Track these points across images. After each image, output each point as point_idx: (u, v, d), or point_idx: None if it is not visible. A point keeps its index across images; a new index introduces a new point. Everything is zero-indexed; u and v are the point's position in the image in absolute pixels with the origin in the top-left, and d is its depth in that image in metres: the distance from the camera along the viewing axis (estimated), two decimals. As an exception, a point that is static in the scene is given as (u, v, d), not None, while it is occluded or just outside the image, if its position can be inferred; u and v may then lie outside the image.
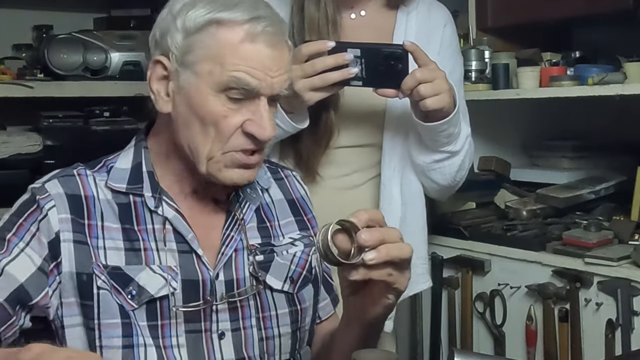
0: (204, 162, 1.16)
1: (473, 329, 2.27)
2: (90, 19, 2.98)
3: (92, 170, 1.21)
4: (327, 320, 1.37)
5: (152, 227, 1.18)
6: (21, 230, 1.14)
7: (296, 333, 1.27)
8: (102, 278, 1.14)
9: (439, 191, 1.77)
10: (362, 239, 1.01)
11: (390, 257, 1.03)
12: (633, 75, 2.01)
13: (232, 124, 1.14)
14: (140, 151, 1.23)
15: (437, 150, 1.65)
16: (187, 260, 1.18)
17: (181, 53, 1.14)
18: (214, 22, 1.13)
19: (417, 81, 1.48)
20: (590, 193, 2.30)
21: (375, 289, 1.09)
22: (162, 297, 1.15)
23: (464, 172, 1.73)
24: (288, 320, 1.25)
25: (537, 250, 2.10)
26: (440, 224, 2.38)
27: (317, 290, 1.32)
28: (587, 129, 2.60)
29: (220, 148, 1.15)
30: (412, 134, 1.67)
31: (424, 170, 1.70)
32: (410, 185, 1.74)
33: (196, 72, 1.13)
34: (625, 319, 1.86)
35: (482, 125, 2.63)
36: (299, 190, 1.38)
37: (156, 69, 1.17)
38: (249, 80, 1.12)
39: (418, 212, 1.77)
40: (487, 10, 2.50)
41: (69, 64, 2.52)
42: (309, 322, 1.31)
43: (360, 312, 1.14)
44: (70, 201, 1.16)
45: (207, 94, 1.13)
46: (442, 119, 1.55)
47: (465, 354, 1.16)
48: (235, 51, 1.12)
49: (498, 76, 2.29)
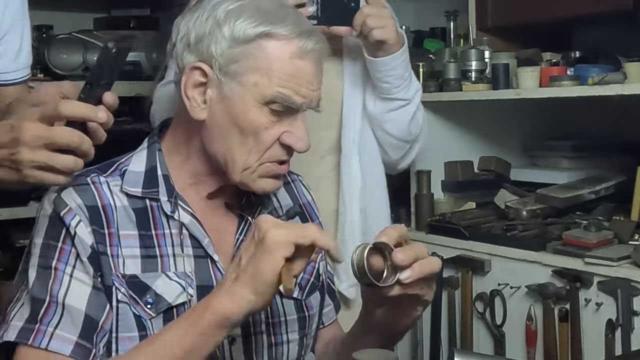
0: (239, 172, 1.16)
1: (473, 329, 2.27)
2: (90, 19, 2.98)
3: (105, 175, 1.18)
4: (330, 326, 1.37)
5: (169, 232, 1.17)
6: (64, 254, 1.11)
7: (303, 339, 1.27)
8: (121, 290, 1.12)
9: (396, 147, 1.82)
10: (398, 259, 1.04)
11: (423, 274, 1.06)
12: (633, 75, 2.01)
13: (272, 135, 1.15)
14: (154, 154, 1.21)
15: (391, 98, 1.74)
16: (202, 266, 1.18)
17: (226, 62, 1.13)
18: (265, 34, 1.12)
19: (365, 15, 1.62)
20: (590, 193, 2.29)
21: (404, 302, 1.10)
22: (178, 305, 1.14)
23: (418, 128, 1.81)
24: (296, 326, 1.25)
25: (537, 250, 2.10)
26: (440, 224, 2.38)
27: (322, 296, 1.32)
28: (587, 129, 2.60)
29: (258, 159, 1.15)
30: (368, 88, 1.76)
31: (380, 121, 1.77)
32: (369, 155, 1.79)
33: (241, 82, 1.13)
34: (625, 319, 1.87)
35: (482, 125, 2.64)
36: (305, 195, 1.39)
37: (193, 75, 1.15)
38: (295, 99, 1.13)
39: (378, 179, 1.83)
40: (487, 10, 2.50)
41: (69, 64, 2.52)
42: (315, 329, 1.31)
43: (387, 323, 1.15)
44: (91, 213, 1.13)
45: (251, 106, 1.13)
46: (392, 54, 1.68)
47: (465, 354, 1.17)
48: (285, 66, 1.12)
49: (498, 76, 2.29)
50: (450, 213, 2.41)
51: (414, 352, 2.43)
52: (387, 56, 1.67)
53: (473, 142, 2.64)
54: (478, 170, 2.63)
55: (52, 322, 1.08)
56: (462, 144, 2.61)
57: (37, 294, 1.10)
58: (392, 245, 1.05)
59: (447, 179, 2.57)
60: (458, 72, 2.41)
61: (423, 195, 2.49)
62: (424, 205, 2.49)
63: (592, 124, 2.57)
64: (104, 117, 1.08)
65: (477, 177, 2.61)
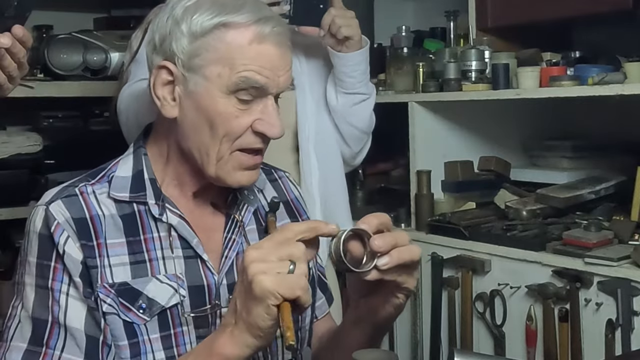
0: (214, 164, 1.16)
1: (473, 329, 2.27)
2: (90, 19, 2.98)
3: (92, 183, 1.19)
4: (323, 319, 1.39)
5: (157, 235, 1.18)
6: (57, 273, 1.12)
7: (297, 334, 1.27)
8: (107, 302, 1.13)
9: (358, 139, 1.98)
10: (375, 246, 1.04)
11: (402, 261, 1.06)
12: (633, 75, 2.01)
13: (243, 124, 1.15)
14: (140, 158, 1.22)
15: (354, 92, 1.91)
16: (192, 266, 1.18)
17: (188, 57, 1.14)
18: (221, 25, 1.13)
19: (333, 15, 1.80)
20: (590, 193, 2.29)
21: (385, 290, 1.11)
22: (172, 307, 1.15)
23: (373, 121, 2.00)
24: None
25: (537, 250, 2.10)
26: (440, 224, 2.38)
27: (314, 290, 1.32)
28: (587, 129, 2.60)
29: (229, 147, 1.16)
30: (329, 86, 1.92)
31: (345, 115, 1.93)
32: (325, 150, 1.92)
33: (205, 75, 1.13)
34: (625, 319, 1.87)
35: (482, 125, 2.65)
36: (292, 191, 1.39)
37: (160, 74, 1.17)
38: (258, 79, 1.13)
39: (336, 170, 1.97)
40: (487, 10, 2.49)
41: (69, 64, 2.52)
42: (309, 323, 1.32)
43: (372, 312, 1.15)
44: (78, 226, 1.14)
45: (218, 97, 1.13)
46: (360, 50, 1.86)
47: (465, 354, 1.17)
48: (244, 52, 1.13)
49: (498, 76, 2.29)
50: (450, 213, 2.41)
51: (414, 352, 2.43)
52: (356, 51, 1.85)
53: (473, 142, 2.64)
54: (478, 170, 2.63)
55: (58, 346, 1.10)
56: (462, 144, 2.62)
57: (37, 315, 1.11)
58: (371, 232, 1.05)
59: (447, 179, 2.57)
60: (458, 72, 2.41)
61: (423, 195, 2.49)
62: (424, 205, 2.49)
63: (592, 124, 2.57)
64: (7, 42, 1.20)
65: (477, 177, 2.61)
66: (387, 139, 2.66)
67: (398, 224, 2.57)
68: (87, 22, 2.94)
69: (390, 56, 2.72)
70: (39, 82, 2.46)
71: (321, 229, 1.05)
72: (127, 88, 1.74)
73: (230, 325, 1.02)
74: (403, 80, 2.62)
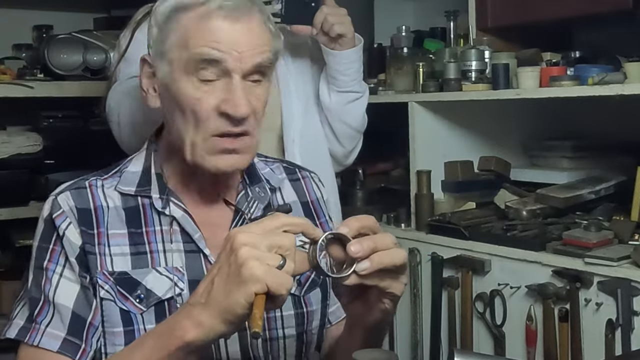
0: (189, 151, 1.16)
1: (473, 329, 2.27)
2: (90, 19, 2.98)
3: (105, 177, 1.24)
4: (337, 325, 1.36)
5: (160, 228, 1.20)
6: (54, 255, 1.17)
7: (302, 336, 1.26)
8: (105, 287, 1.15)
9: (351, 138, 1.98)
10: (351, 251, 1.00)
11: (382, 265, 1.02)
12: (633, 75, 2.01)
13: (207, 106, 1.14)
14: (150, 154, 1.26)
15: (348, 91, 1.90)
16: (193, 261, 1.19)
17: (156, 46, 1.18)
18: (179, 9, 1.15)
19: (326, 13, 1.80)
20: (590, 193, 2.29)
21: (370, 296, 1.09)
22: (169, 299, 1.16)
23: (366, 120, 2.00)
24: (293, 322, 1.25)
25: (537, 250, 2.10)
26: (440, 224, 2.38)
27: (325, 294, 1.31)
28: (587, 129, 2.60)
29: (203, 133, 1.15)
30: (322, 85, 1.91)
31: (339, 114, 1.93)
32: (312, 152, 1.90)
33: (169, 60, 1.16)
34: (625, 319, 1.86)
35: (482, 125, 2.65)
36: (315, 192, 1.38)
37: (144, 68, 1.22)
38: (212, 53, 1.12)
39: (324, 170, 1.89)
40: (487, 10, 2.49)
41: (69, 64, 2.52)
42: (317, 326, 1.30)
43: (360, 318, 1.14)
44: (81, 215, 1.18)
45: (181, 81, 1.15)
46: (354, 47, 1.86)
47: (465, 354, 1.17)
48: (196, 31, 1.13)
49: (498, 76, 2.29)
50: (450, 213, 2.41)
51: (414, 352, 2.43)
52: (350, 49, 1.85)
53: (473, 142, 2.64)
54: (478, 170, 2.63)
55: (45, 321, 1.14)
56: (462, 144, 2.62)
57: (33, 294, 1.16)
58: (351, 235, 1.02)
59: (447, 179, 2.57)
60: (458, 72, 2.41)
61: (423, 195, 2.49)
62: (424, 205, 2.49)
63: (592, 124, 2.57)
64: None
65: (477, 177, 2.61)
66: (387, 139, 2.67)
67: (398, 224, 2.57)
68: (87, 22, 2.95)
69: (390, 56, 2.72)
70: (39, 82, 2.47)
71: (307, 229, 1.02)
72: (118, 86, 1.75)
73: (199, 306, 0.98)
74: (403, 80, 2.62)
